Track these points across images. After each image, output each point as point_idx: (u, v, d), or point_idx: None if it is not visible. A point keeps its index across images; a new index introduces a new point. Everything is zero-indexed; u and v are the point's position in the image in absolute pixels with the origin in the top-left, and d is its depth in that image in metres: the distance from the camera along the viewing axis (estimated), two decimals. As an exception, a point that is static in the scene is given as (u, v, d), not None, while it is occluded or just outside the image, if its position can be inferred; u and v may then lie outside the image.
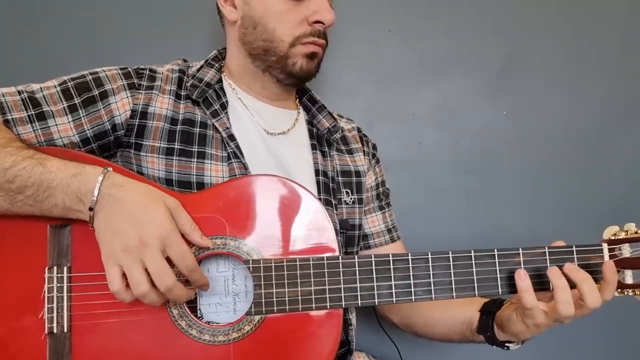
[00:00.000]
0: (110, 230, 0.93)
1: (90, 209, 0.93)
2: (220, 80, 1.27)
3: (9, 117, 1.05)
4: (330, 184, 1.28)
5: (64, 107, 1.09)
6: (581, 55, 1.72)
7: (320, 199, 1.22)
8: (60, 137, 1.09)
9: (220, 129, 1.18)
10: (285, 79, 1.26)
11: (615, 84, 1.72)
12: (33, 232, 0.99)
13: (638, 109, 1.73)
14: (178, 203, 0.98)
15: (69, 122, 1.09)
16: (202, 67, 1.27)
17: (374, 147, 1.47)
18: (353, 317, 1.28)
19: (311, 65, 1.25)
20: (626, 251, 1.07)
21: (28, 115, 1.06)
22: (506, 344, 1.12)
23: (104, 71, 1.16)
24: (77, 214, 0.96)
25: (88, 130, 1.11)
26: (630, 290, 1.08)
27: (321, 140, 1.33)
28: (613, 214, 1.66)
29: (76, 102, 1.10)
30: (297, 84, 1.31)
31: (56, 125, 1.08)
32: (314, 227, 1.05)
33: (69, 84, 1.12)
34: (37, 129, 1.07)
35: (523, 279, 1.01)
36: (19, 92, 1.08)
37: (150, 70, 1.21)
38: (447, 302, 1.17)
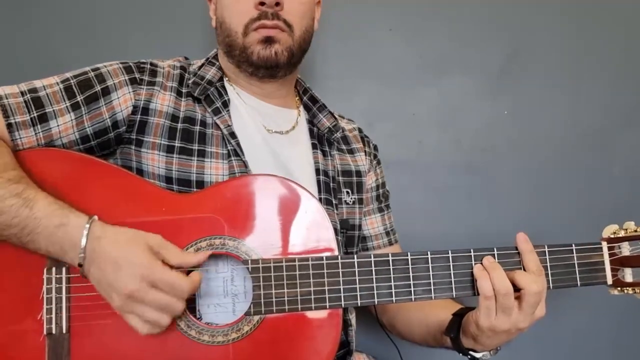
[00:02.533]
0: (106, 284, 0.94)
1: (80, 265, 0.95)
2: (221, 79, 1.27)
3: (12, 121, 1.05)
4: (331, 184, 1.27)
5: (66, 106, 1.09)
6: (582, 55, 1.72)
7: (320, 199, 1.22)
8: (60, 137, 1.09)
9: (222, 126, 1.18)
10: (254, 71, 1.24)
11: (616, 83, 1.72)
12: None
13: (639, 108, 1.73)
14: (160, 238, 0.98)
15: (70, 120, 1.09)
16: (203, 65, 1.27)
17: (375, 148, 1.47)
18: (353, 318, 1.28)
19: (269, 52, 1.20)
20: (626, 249, 1.08)
21: (31, 119, 1.06)
22: (470, 352, 1.11)
23: (106, 66, 1.16)
24: (68, 260, 0.97)
25: (88, 127, 1.11)
26: (630, 289, 1.08)
27: (322, 140, 1.33)
28: (614, 213, 1.65)
29: (79, 99, 1.10)
30: (269, 75, 1.26)
31: (57, 126, 1.08)
32: (313, 227, 1.05)
33: (71, 81, 1.12)
34: (39, 132, 1.07)
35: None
36: (22, 93, 1.08)
37: (152, 64, 1.20)
38: (426, 304, 1.19)
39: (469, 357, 1.12)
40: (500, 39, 1.72)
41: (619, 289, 1.09)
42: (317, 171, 1.27)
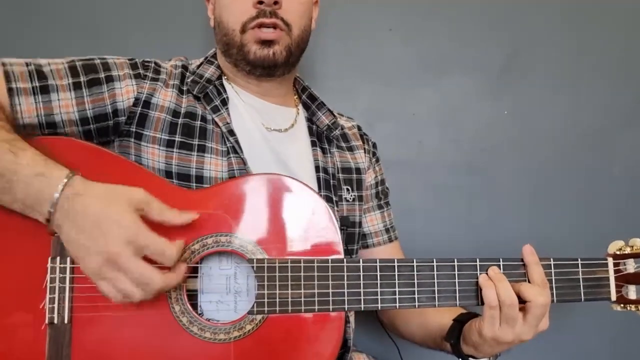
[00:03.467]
0: (82, 245, 0.90)
1: (48, 220, 0.91)
2: (220, 77, 1.28)
3: (14, 86, 1.04)
4: (331, 181, 1.27)
5: (69, 83, 1.09)
6: (582, 55, 1.73)
7: (320, 196, 1.22)
8: (60, 113, 1.08)
9: (221, 124, 1.18)
10: (251, 70, 1.24)
11: (616, 83, 1.73)
12: (37, 223, 0.96)
13: (639, 108, 1.73)
14: (144, 193, 0.93)
15: (71, 98, 1.09)
16: (202, 64, 1.28)
17: (374, 145, 1.47)
18: (352, 315, 1.28)
19: (266, 52, 1.21)
20: (631, 266, 1.08)
21: (32, 87, 1.06)
22: (470, 358, 1.12)
23: (113, 59, 1.17)
24: (37, 215, 0.93)
25: (89, 110, 1.10)
26: (633, 306, 1.08)
27: (321, 137, 1.33)
28: (614, 213, 1.66)
29: (82, 80, 1.10)
30: (267, 74, 1.26)
31: (58, 100, 1.08)
32: (319, 228, 1.04)
33: (77, 63, 1.12)
34: (39, 102, 1.06)
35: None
36: (27, 64, 1.08)
37: (156, 63, 1.21)
38: (426, 309, 1.18)
39: None
40: (500, 39, 1.72)
41: (622, 305, 1.09)
42: (317, 168, 1.27)
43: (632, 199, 1.70)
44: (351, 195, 1.32)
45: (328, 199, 1.24)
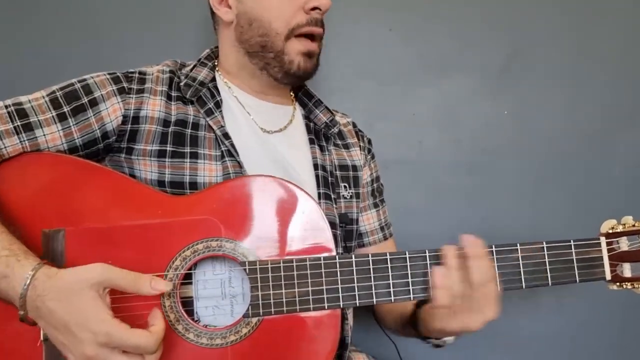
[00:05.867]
0: (61, 344, 0.89)
1: (22, 319, 0.90)
2: (213, 79, 1.27)
3: None
4: (329, 178, 1.27)
5: (52, 116, 1.08)
6: (582, 55, 1.72)
7: (319, 193, 1.23)
8: (48, 148, 1.08)
9: (215, 127, 1.17)
10: (283, 77, 1.24)
11: (616, 83, 1.72)
12: (27, 238, 0.97)
13: (639, 108, 1.73)
14: (101, 271, 0.90)
15: (57, 130, 1.08)
16: (195, 66, 1.26)
17: (369, 142, 1.46)
18: (350, 313, 1.28)
19: (309, 64, 1.22)
20: (624, 244, 1.07)
21: (14, 127, 1.05)
22: (428, 340, 1.14)
23: (92, 78, 1.14)
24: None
25: (78, 139, 1.10)
26: (628, 284, 1.07)
27: (319, 135, 1.33)
28: (614, 213, 1.63)
29: (65, 110, 1.09)
30: (294, 83, 1.28)
31: (44, 135, 1.07)
32: (310, 228, 1.04)
33: (57, 93, 1.11)
34: (24, 140, 1.05)
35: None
36: (6, 107, 1.07)
37: (140, 72, 1.19)
38: None
39: (428, 343, 1.17)
40: (500, 39, 1.71)
41: (617, 284, 1.08)
42: (316, 166, 1.26)
43: (632, 199, 1.69)
44: (349, 193, 1.32)
45: (327, 197, 1.24)
